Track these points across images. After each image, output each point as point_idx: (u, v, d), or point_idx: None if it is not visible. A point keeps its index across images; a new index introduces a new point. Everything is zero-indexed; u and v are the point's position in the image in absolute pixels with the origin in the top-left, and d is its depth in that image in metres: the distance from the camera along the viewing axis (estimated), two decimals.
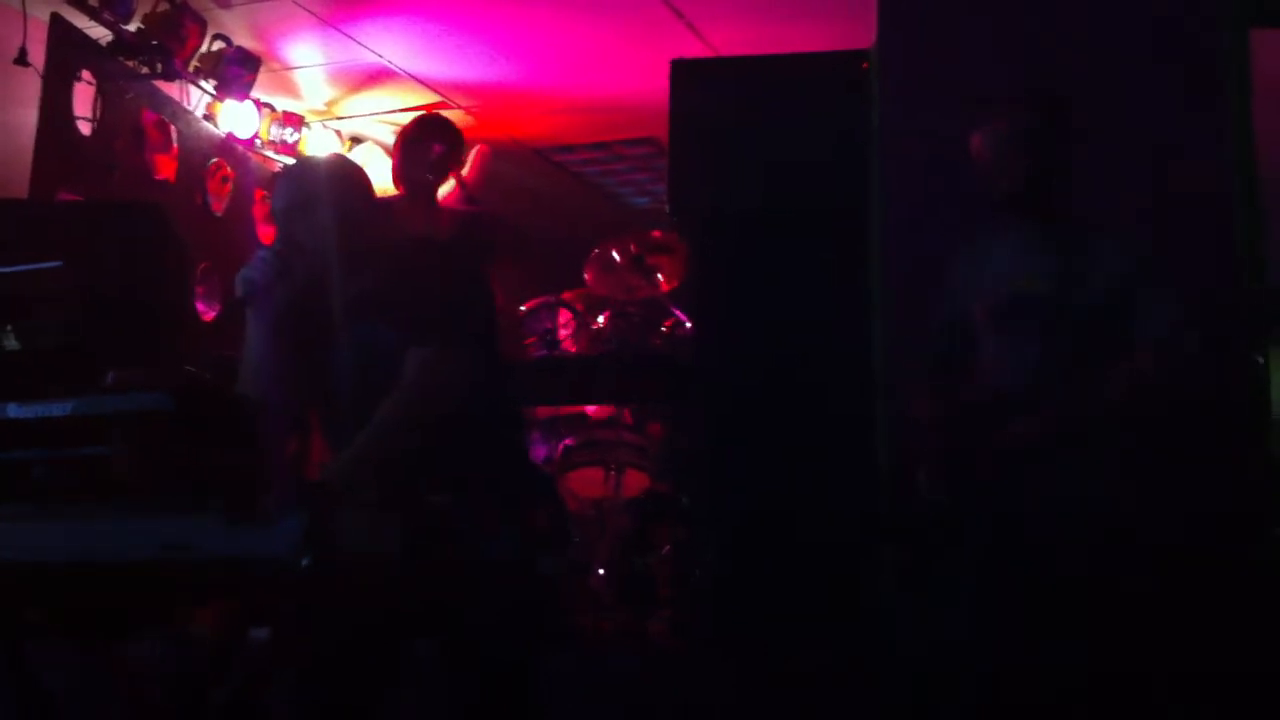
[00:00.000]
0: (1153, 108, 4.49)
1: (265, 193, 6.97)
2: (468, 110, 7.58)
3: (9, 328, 3.01)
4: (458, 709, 3.22)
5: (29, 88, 5.72)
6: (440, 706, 3.25)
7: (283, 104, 7.48)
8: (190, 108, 6.74)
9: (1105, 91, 4.50)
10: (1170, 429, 4.21)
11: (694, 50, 6.52)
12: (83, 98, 5.94)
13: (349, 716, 3.16)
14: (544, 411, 6.39)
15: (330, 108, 7.75)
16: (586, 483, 5.94)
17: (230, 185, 6.96)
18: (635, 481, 5.93)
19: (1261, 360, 4.35)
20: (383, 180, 7.58)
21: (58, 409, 2.71)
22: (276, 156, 7.31)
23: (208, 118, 6.89)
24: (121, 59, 6.17)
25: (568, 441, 6.07)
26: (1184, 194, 4.39)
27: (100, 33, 6.05)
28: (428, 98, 7.47)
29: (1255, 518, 4.25)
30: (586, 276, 6.63)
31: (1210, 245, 4.36)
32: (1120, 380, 3.32)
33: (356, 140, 8.05)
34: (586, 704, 4.26)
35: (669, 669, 4.56)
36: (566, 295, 6.62)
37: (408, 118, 6.63)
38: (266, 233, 6.99)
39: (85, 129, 5.95)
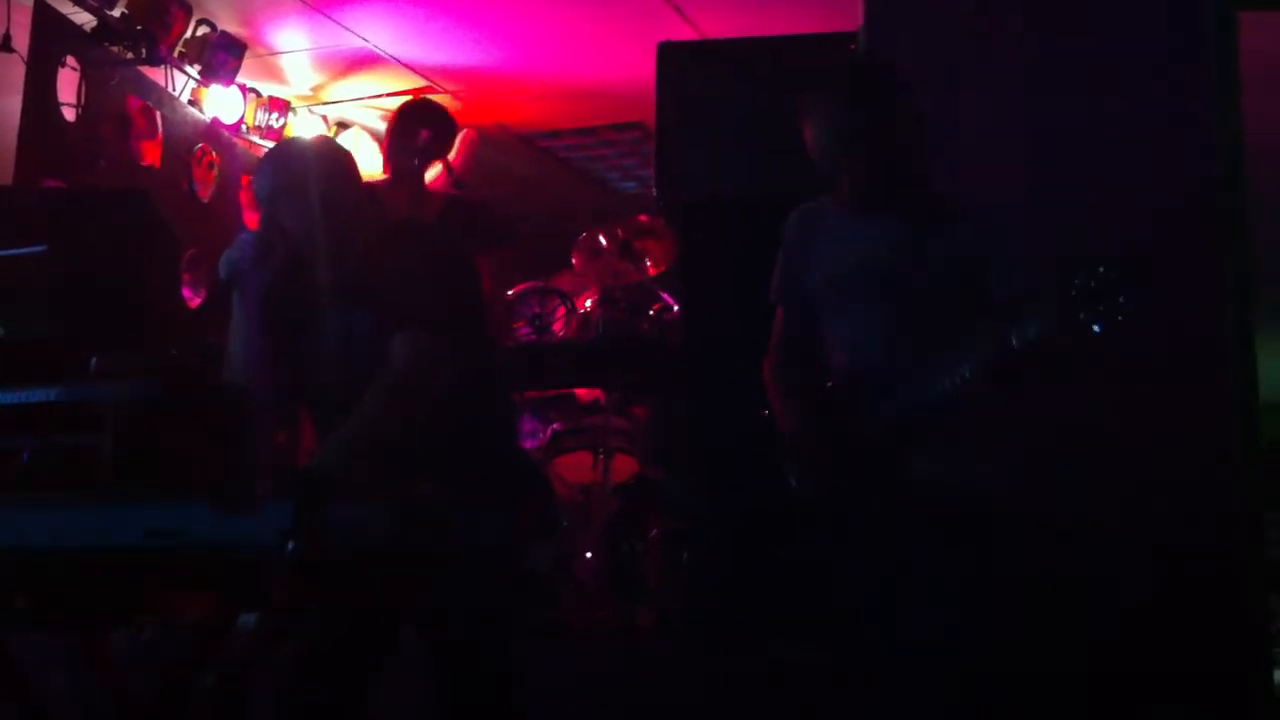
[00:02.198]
0: (1139, 90, 4.48)
1: (251, 178, 6.95)
2: (454, 95, 7.55)
3: None
4: (443, 699, 3.21)
5: (13, 74, 5.70)
6: (426, 696, 3.24)
7: (268, 89, 7.46)
8: (175, 93, 6.72)
9: (1091, 74, 4.50)
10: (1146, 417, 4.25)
11: (681, 34, 6.50)
12: (67, 84, 5.91)
13: (337, 704, 3.16)
14: (532, 396, 6.38)
15: (316, 93, 7.73)
16: (575, 468, 5.93)
17: (216, 171, 6.94)
18: (624, 466, 5.92)
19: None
20: (368, 166, 7.59)
21: (43, 395, 2.70)
22: (262, 142, 7.28)
23: (193, 103, 6.87)
24: (106, 45, 6.14)
25: (556, 426, 6.06)
26: (1169, 179, 4.38)
27: (85, 18, 6.04)
28: (414, 82, 7.45)
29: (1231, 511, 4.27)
30: (574, 261, 6.61)
31: (1194, 230, 4.36)
32: (963, 356, 3.18)
33: (343, 125, 8.03)
34: (575, 697, 4.25)
35: (658, 662, 4.55)
36: (559, 283, 6.60)
37: (394, 103, 6.62)
38: (253, 218, 6.96)
39: (70, 115, 5.93)
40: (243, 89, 7.09)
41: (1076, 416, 4.17)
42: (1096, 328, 2.87)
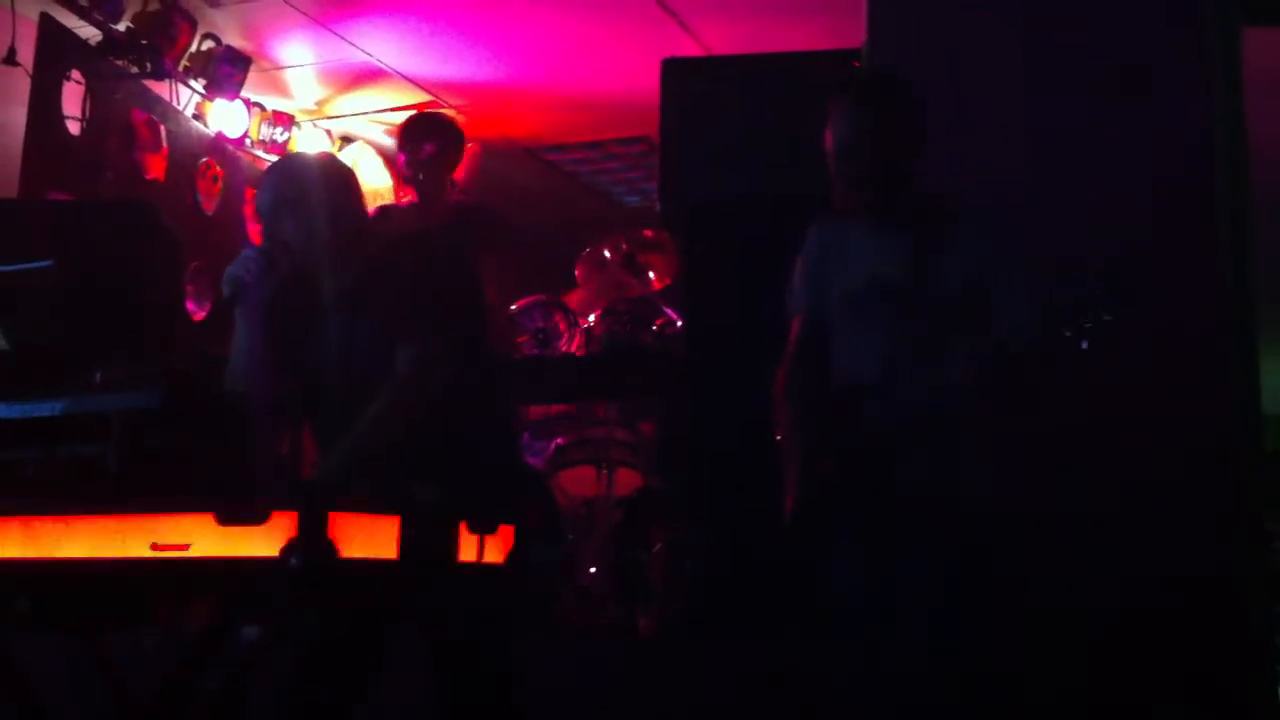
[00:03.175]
0: (1139, 90, 4.48)
1: (255, 192, 6.97)
2: (459, 109, 7.57)
3: None
4: (443, 699, 3.21)
5: (18, 87, 5.73)
6: (426, 696, 3.24)
7: (273, 103, 7.49)
8: (180, 107, 6.75)
9: (1091, 74, 4.50)
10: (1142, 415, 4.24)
11: (686, 48, 6.52)
12: (72, 97, 5.95)
13: (337, 704, 3.16)
14: (537, 410, 6.37)
15: (320, 107, 7.75)
16: (578, 481, 5.92)
17: (220, 184, 6.97)
18: (627, 480, 5.91)
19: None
20: (372, 180, 7.62)
21: (49, 408, 2.71)
22: (266, 156, 7.30)
23: (197, 117, 6.90)
24: (111, 58, 6.18)
25: (559, 440, 6.05)
26: (1169, 179, 4.38)
27: (90, 32, 6.07)
28: (418, 97, 7.47)
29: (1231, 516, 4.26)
30: (577, 275, 6.61)
31: (1194, 231, 4.35)
32: (959, 360, 3.18)
33: (347, 140, 8.05)
34: (575, 697, 4.25)
35: (658, 662, 4.54)
36: (567, 302, 6.59)
37: (398, 117, 6.64)
38: (257, 232, 6.98)
39: (75, 128, 5.96)
40: (247, 103, 7.12)
41: (1077, 418, 4.16)
42: (1084, 344, 2.90)
